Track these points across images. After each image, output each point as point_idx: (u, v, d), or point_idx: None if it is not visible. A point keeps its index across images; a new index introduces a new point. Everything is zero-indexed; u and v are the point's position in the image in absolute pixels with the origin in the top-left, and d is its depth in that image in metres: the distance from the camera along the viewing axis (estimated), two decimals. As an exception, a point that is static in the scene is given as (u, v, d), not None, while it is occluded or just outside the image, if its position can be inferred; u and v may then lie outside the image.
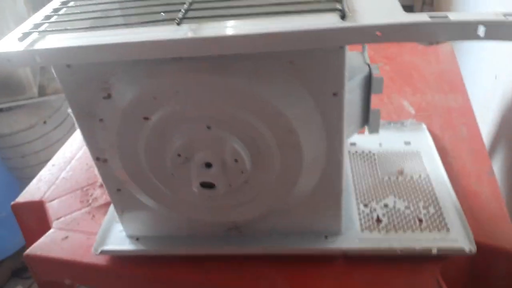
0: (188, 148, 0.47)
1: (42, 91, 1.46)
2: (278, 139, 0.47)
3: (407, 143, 0.73)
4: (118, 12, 0.45)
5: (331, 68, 0.43)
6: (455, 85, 0.86)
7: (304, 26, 0.37)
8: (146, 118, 0.47)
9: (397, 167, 0.68)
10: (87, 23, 0.45)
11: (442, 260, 0.55)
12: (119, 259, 0.61)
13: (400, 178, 0.67)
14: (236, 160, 0.48)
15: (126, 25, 0.41)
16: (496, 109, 0.93)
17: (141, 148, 0.49)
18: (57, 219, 0.69)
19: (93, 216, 0.69)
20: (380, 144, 0.73)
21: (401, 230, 0.58)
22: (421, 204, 0.61)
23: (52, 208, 0.71)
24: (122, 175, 0.54)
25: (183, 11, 0.41)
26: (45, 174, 0.79)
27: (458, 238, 0.56)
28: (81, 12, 0.47)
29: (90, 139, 0.51)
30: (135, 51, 0.39)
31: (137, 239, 0.62)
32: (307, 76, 0.44)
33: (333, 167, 0.51)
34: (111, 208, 0.66)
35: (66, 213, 0.70)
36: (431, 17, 0.36)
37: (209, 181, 0.50)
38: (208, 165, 0.49)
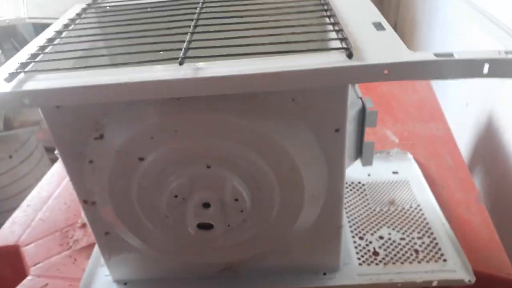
0: (186, 188, 0.45)
1: (8, 125, 1.39)
2: (279, 177, 0.46)
3: (395, 172, 0.73)
4: (112, 50, 0.43)
5: (334, 105, 0.43)
6: (434, 113, 0.88)
7: (311, 65, 0.36)
8: (141, 159, 0.44)
9: (387, 197, 0.69)
10: (77, 62, 0.43)
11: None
12: (106, 307, 0.57)
13: (391, 208, 0.67)
14: (236, 200, 0.46)
15: (124, 64, 0.39)
16: (468, 135, 0.97)
17: (134, 189, 0.47)
18: (35, 265, 0.64)
19: (75, 260, 0.64)
20: (369, 174, 0.73)
21: (399, 262, 0.57)
22: (415, 234, 0.61)
23: (28, 253, 0.66)
24: (112, 218, 0.51)
25: (183, 50, 0.40)
26: (19, 215, 0.73)
27: (456, 269, 0.55)
28: (69, 51, 0.45)
29: (78, 181, 0.48)
30: (135, 91, 0.37)
31: (125, 283, 0.58)
32: (309, 113, 0.43)
33: (334, 201, 0.50)
34: (95, 250, 0.63)
35: (45, 257, 0.65)
36: (436, 55, 0.36)
37: (207, 222, 0.47)
38: (206, 205, 0.47)
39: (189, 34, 0.44)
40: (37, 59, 0.44)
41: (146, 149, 0.44)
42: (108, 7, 0.57)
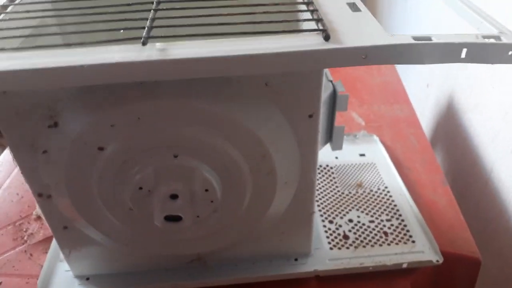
0: (151, 180, 0.42)
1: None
2: (251, 164, 0.44)
3: (362, 155, 0.73)
4: (65, 28, 0.39)
5: (308, 90, 0.41)
6: (399, 95, 0.89)
7: (287, 47, 0.34)
8: (101, 149, 0.41)
9: (355, 180, 0.68)
10: (25, 41, 0.39)
11: (411, 272, 0.55)
12: (67, 304, 0.54)
13: (359, 191, 0.67)
14: (206, 190, 0.44)
15: (78, 44, 0.35)
16: (430, 116, 0.98)
17: (95, 182, 0.43)
18: None
19: (31, 255, 0.60)
20: (336, 157, 0.73)
21: (369, 245, 0.57)
22: (384, 217, 0.62)
23: None
24: (70, 211, 0.47)
25: (146, 29, 0.36)
26: None
27: (424, 250, 0.56)
28: (16, 28, 0.40)
29: (30, 174, 0.44)
30: (92, 75, 0.34)
31: (87, 279, 0.55)
32: (282, 98, 0.41)
33: (306, 188, 0.49)
34: (53, 245, 0.59)
35: None
36: (414, 38, 0.35)
37: (175, 214, 0.45)
38: (174, 197, 0.44)
39: (152, 11, 0.40)
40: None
41: (106, 138, 0.40)
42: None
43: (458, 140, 0.84)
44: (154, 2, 0.42)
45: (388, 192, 0.66)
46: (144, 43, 0.35)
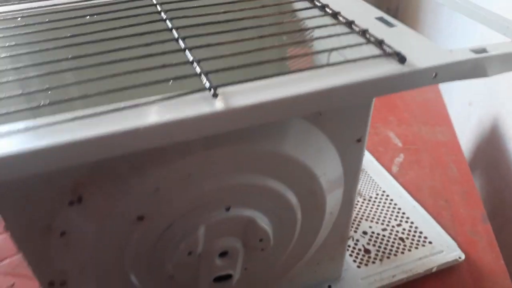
0: (202, 241, 0.36)
1: None
2: (302, 202, 0.40)
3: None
4: (86, 86, 0.31)
5: (359, 115, 0.38)
6: (440, 116, 0.83)
7: (367, 76, 0.31)
8: (140, 218, 0.34)
9: (352, 189, 0.68)
10: (30, 101, 0.30)
11: (438, 274, 0.55)
12: None
13: (360, 199, 0.66)
14: (260, 240, 0.39)
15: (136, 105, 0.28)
16: (471, 137, 0.91)
17: (129, 256, 0.36)
18: (1, 261, 0.57)
19: None
20: (326, 168, 0.71)
21: (392, 254, 0.57)
22: (393, 222, 0.62)
23: None
24: (90, 295, 0.39)
25: (203, 76, 0.30)
26: None
27: (443, 249, 0.57)
28: (11, 81, 0.31)
29: (41, 262, 0.35)
30: (156, 137, 0.27)
31: None
32: (333, 125, 0.38)
33: (346, 214, 0.46)
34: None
35: (12, 253, 0.57)
36: (472, 51, 0.34)
37: (226, 274, 0.39)
38: (222, 254, 0.39)
39: (186, 51, 0.34)
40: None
41: (148, 205, 0.33)
42: (19, 18, 0.41)
43: (500, 167, 0.76)
44: (178, 38, 0.35)
45: (388, 196, 0.66)
46: (214, 95, 0.29)
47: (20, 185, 0.31)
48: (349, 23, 0.38)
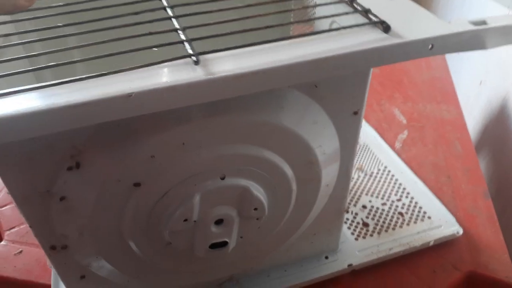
0: (198, 208, 0.37)
1: None
2: (297, 174, 0.40)
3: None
4: (81, 52, 0.31)
5: (357, 88, 0.38)
6: (447, 94, 0.81)
7: (350, 47, 0.31)
8: (137, 184, 0.35)
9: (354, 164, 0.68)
10: (41, 60, 0.31)
11: (435, 248, 0.56)
12: None
13: (361, 174, 0.66)
14: (255, 209, 0.39)
15: (118, 71, 0.28)
16: (478, 116, 0.89)
17: (127, 222, 0.37)
18: (10, 229, 0.58)
19: None
20: (329, 143, 0.71)
21: (390, 228, 0.57)
22: (393, 197, 0.62)
23: (3, 215, 0.60)
24: (91, 259, 0.40)
25: (187, 43, 0.31)
26: None
27: (441, 224, 0.58)
28: (19, 42, 0.32)
29: (42, 226, 0.36)
30: (148, 103, 0.28)
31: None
32: (328, 97, 0.38)
33: (342, 186, 0.46)
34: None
35: (21, 222, 0.59)
36: (471, 23, 0.34)
37: (221, 241, 0.40)
38: (218, 222, 0.40)
39: (173, 19, 0.34)
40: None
41: (144, 172, 0.34)
42: None
43: (507, 148, 0.75)
44: (168, 9, 0.36)
45: (389, 171, 0.66)
46: (196, 62, 0.29)
47: (20, 149, 0.32)
48: None
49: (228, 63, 0.29)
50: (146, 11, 0.35)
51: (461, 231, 0.56)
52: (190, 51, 0.30)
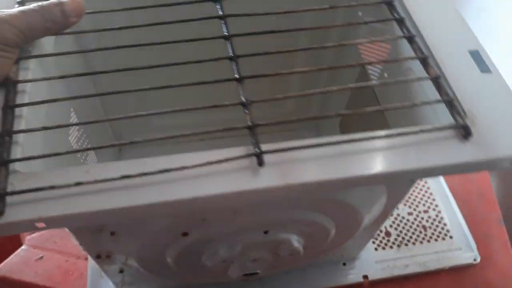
0: (237, 254, 0.39)
1: None
2: (339, 227, 0.41)
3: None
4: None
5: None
6: None
7: (421, 162, 0.29)
8: (185, 234, 0.36)
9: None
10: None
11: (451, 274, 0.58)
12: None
13: (394, 175, 0.66)
14: (291, 254, 0.41)
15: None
16: None
17: (170, 254, 0.39)
18: (31, 234, 0.58)
19: None
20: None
21: (410, 242, 0.59)
22: (421, 207, 0.63)
23: None
24: (130, 265, 0.43)
25: (253, 142, 0.28)
26: None
27: (461, 247, 0.59)
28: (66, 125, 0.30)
29: (91, 246, 0.38)
30: (197, 205, 0.27)
31: (138, 298, 0.53)
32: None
33: (378, 223, 0.47)
34: (91, 261, 0.55)
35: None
36: None
37: (253, 272, 0.43)
38: (255, 259, 0.41)
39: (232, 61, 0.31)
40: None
41: (193, 228, 0.35)
42: None
43: None
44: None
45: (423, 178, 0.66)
46: (260, 164, 0.28)
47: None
48: (424, 59, 0.33)
49: (297, 168, 0.28)
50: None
51: (478, 259, 0.58)
52: (256, 149, 0.28)
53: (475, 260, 0.58)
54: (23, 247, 0.57)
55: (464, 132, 0.30)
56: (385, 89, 0.42)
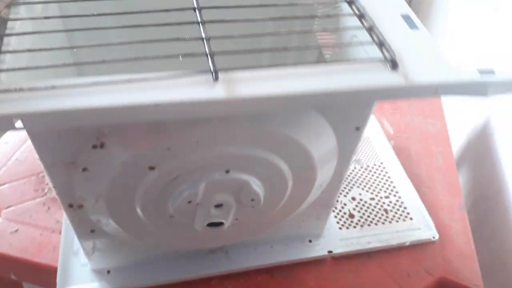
0: (201, 194, 0.42)
1: None
2: (295, 175, 0.44)
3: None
4: (99, 51, 0.34)
5: (361, 108, 0.41)
6: (434, 108, 0.84)
7: (359, 84, 0.33)
8: (151, 168, 0.39)
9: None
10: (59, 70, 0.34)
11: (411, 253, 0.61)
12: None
13: (357, 167, 0.70)
14: (252, 199, 0.44)
15: (144, 80, 0.32)
16: (462, 131, 0.89)
17: (138, 196, 0.42)
18: (7, 207, 0.60)
19: (48, 208, 0.60)
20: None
21: (373, 223, 0.62)
22: (382, 194, 0.67)
23: (1, 194, 0.62)
24: (102, 219, 0.45)
25: (209, 57, 0.33)
26: None
27: (421, 227, 0.63)
28: (42, 50, 0.35)
29: (64, 188, 0.41)
30: (164, 112, 0.31)
31: (108, 272, 0.54)
32: (336, 115, 0.41)
33: (334, 186, 0.51)
34: (63, 238, 0.56)
35: (18, 201, 0.61)
36: (479, 71, 0.36)
37: (218, 221, 0.45)
38: (218, 205, 0.44)
39: (199, 24, 0.37)
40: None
41: (159, 159, 0.38)
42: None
43: (486, 164, 0.78)
44: (197, 11, 0.38)
45: (384, 168, 0.70)
46: (216, 78, 0.32)
47: (56, 127, 0.35)
48: (360, 16, 0.39)
49: (246, 84, 0.32)
50: (176, 9, 0.38)
51: (437, 236, 0.61)
52: (211, 66, 0.33)
53: (433, 237, 0.61)
54: (-1, 219, 0.59)
55: (392, 64, 0.35)
56: (333, 52, 0.47)
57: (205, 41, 0.35)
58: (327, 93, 0.33)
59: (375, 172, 0.69)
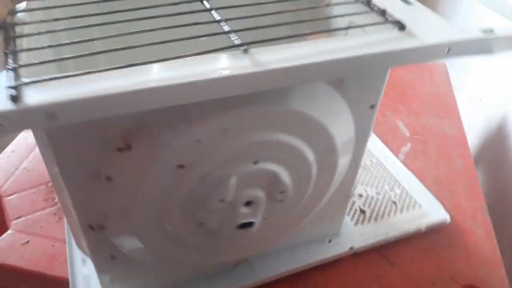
0: (233, 190, 0.40)
1: None
2: (318, 160, 0.44)
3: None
4: (123, 40, 0.34)
5: (375, 83, 0.42)
6: (450, 110, 0.83)
7: (372, 47, 0.35)
8: (180, 166, 0.38)
9: (349, 156, 0.73)
10: (79, 61, 0.33)
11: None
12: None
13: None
14: (281, 192, 0.43)
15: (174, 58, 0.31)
16: (478, 133, 0.90)
17: (167, 204, 0.40)
18: (16, 218, 0.59)
19: (59, 218, 0.58)
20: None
21: (385, 216, 0.63)
22: (386, 187, 0.67)
23: (10, 204, 0.60)
24: (125, 238, 0.43)
25: (233, 33, 0.34)
26: (3, 161, 0.65)
27: (431, 211, 0.63)
28: (59, 45, 0.34)
29: (84, 204, 0.38)
30: (203, 91, 0.31)
31: (127, 304, 0.50)
32: (352, 92, 0.42)
33: (352, 174, 0.51)
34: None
35: (27, 212, 0.59)
36: (481, 31, 0.39)
37: (249, 221, 0.44)
38: (247, 203, 0.43)
39: (212, 11, 0.37)
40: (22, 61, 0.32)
41: (188, 155, 0.37)
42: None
43: (505, 165, 0.77)
44: (204, 1, 0.39)
45: (381, 163, 0.71)
46: (245, 51, 0.33)
47: (74, 129, 0.34)
48: None
49: (272, 56, 0.33)
50: (183, 2, 0.38)
51: (449, 219, 0.62)
52: (238, 41, 0.33)
53: (446, 219, 0.62)
54: (9, 231, 0.57)
55: (399, 25, 0.37)
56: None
57: (222, 23, 0.35)
58: (348, 59, 0.34)
59: (374, 169, 0.70)
